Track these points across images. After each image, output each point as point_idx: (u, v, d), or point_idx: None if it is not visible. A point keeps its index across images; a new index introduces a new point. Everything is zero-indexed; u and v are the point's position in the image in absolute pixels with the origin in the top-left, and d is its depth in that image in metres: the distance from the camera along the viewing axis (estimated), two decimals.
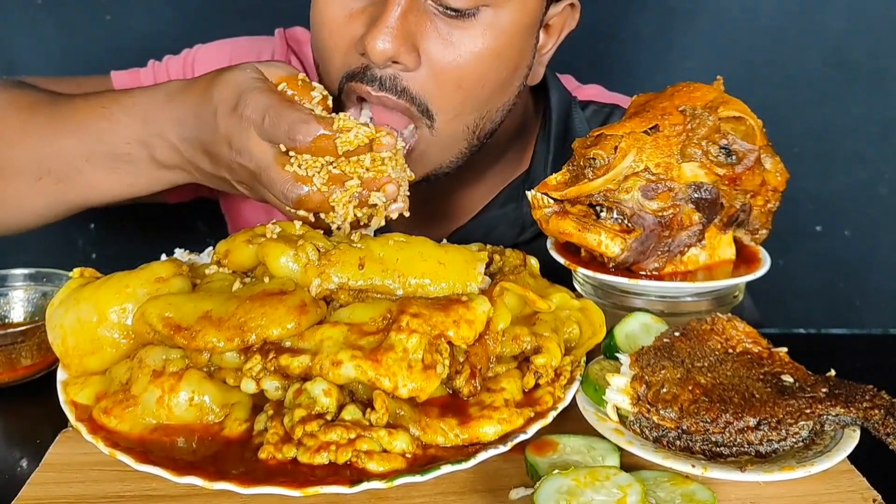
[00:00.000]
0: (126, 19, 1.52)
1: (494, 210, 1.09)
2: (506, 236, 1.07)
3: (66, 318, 0.70)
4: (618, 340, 0.75)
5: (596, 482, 0.59)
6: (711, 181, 0.80)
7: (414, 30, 0.87)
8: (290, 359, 0.64)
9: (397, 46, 0.85)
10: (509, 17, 0.90)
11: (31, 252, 1.59)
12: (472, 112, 0.93)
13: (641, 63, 1.62)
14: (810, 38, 1.60)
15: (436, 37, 0.88)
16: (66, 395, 0.70)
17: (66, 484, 0.65)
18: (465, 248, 0.78)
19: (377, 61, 0.86)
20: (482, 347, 0.68)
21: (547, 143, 1.09)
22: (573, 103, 1.13)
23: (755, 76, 1.60)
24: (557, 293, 0.77)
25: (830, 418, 0.64)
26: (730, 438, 0.64)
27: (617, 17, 1.60)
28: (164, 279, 0.70)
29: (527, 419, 0.66)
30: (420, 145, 0.93)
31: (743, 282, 0.83)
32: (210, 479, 0.59)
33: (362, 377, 0.63)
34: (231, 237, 0.77)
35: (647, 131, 0.79)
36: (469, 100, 0.92)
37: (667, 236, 0.80)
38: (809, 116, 1.63)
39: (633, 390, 0.67)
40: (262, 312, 0.65)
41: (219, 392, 0.66)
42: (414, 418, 0.64)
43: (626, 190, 0.78)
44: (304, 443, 0.61)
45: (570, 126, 1.10)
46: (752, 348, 0.73)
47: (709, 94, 0.83)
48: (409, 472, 0.60)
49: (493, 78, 0.92)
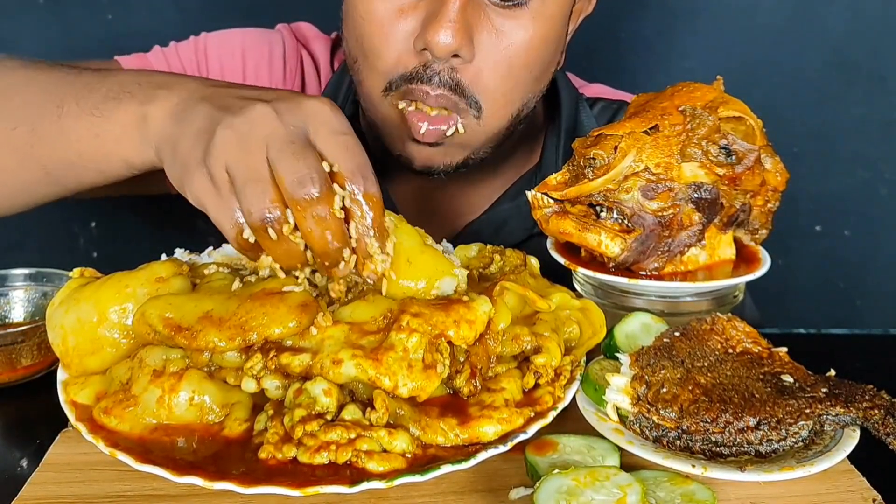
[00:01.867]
0: (127, 19, 1.52)
1: (506, 203, 1.10)
2: (517, 230, 1.07)
3: (66, 318, 0.70)
4: (618, 340, 0.75)
5: (596, 482, 0.59)
6: (711, 181, 0.80)
7: (470, 21, 0.88)
8: (290, 357, 0.64)
9: (459, 40, 0.86)
10: (554, 4, 0.93)
11: (31, 252, 1.60)
12: (518, 100, 0.96)
13: (641, 63, 1.63)
14: (810, 38, 1.60)
15: (489, 27, 0.90)
16: (66, 395, 0.69)
17: (66, 484, 0.65)
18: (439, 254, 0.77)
19: (440, 55, 0.87)
20: (482, 347, 0.68)
21: (557, 138, 1.11)
22: (580, 99, 1.14)
23: (755, 76, 1.60)
24: (557, 293, 0.77)
25: (830, 418, 0.64)
26: (730, 438, 0.64)
27: (617, 17, 1.60)
28: (165, 279, 0.70)
29: (527, 419, 0.66)
30: (464, 136, 0.94)
31: (743, 282, 0.83)
32: (210, 479, 0.59)
33: (363, 376, 0.63)
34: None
35: (647, 131, 0.79)
36: (517, 88, 0.94)
37: (667, 236, 0.80)
38: (809, 116, 1.64)
39: (633, 390, 0.67)
40: (262, 312, 0.65)
41: (219, 392, 0.66)
42: (414, 418, 0.64)
43: (626, 190, 0.78)
44: (304, 443, 0.61)
45: (578, 121, 1.12)
46: (752, 348, 0.73)
47: (709, 94, 0.83)
48: (409, 472, 0.60)
49: (538, 65, 0.95)
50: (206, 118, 0.70)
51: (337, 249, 0.67)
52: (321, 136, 0.68)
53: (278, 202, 0.65)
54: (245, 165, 0.66)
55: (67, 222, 1.59)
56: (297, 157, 0.65)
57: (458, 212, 1.12)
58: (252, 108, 0.68)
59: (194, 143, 0.70)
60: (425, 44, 0.87)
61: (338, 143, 0.68)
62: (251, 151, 0.67)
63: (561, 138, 1.10)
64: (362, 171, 0.67)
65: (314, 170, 0.65)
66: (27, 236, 1.60)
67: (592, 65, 1.27)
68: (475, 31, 0.89)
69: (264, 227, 0.65)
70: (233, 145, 0.67)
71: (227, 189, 0.67)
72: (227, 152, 0.67)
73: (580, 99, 1.15)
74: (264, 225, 0.65)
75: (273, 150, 0.66)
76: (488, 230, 1.09)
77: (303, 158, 0.65)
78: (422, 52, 0.89)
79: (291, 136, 0.67)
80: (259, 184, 0.65)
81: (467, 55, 0.89)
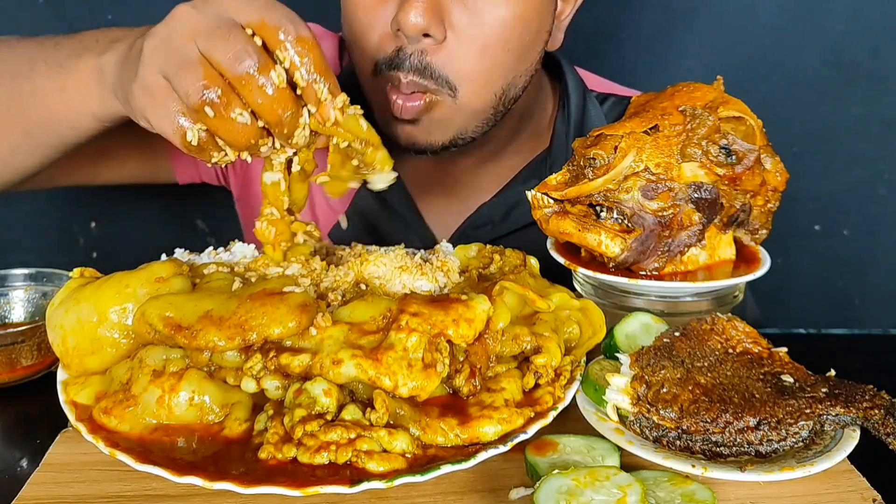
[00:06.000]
0: (127, 19, 1.52)
1: (517, 186, 1.11)
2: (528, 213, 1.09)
3: (66, 318, 0.70)
4: (618, 340, 0.75)
5: (596, 482, 0.59)
6: (711, 181, 0.80)
7: (441, 2, 0.90)
8: (290, 357, 0.64)
9: (428, 19, 0.88)
10: None
11: (31, 252, 1.60)
12: (500, 79, 0.97)
13: (641, 63, 1.63)
14: (810, 38, 1.60)
15: (461, 7, 0.92)
16: (66, 395, 0.70)
17: (66, 484, 0.65)
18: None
19: (410, 34, 0.89)
20: (482, 346, 0.68)
21: (566, 124, 1.12)
22: (587, 91, 1.16)
23: (755, 76, 1.60)
24: (557, 293, 0.77)
25: (830, 418, 0.64)
26: (730, 438, 0.64)
27: (617, 16, 1.60)
28: (165, 279, 0.70)
29: (527, 419, 0.66)
30: (440, 112, 0.96)
31: (743, 282, 0.83)
32: (210, 479, 0.59)
33: (363, 376, 0.63)
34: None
35: (647, 131, 0.79)
36: (496, 67, 0.95)
37: (667, 236, 0.80)
38: (809, 116, 1.64)
39: (633, 390, 0.67)
40: (262, 311, 0.65)
41: (219, 392, 0.66)
42: (414, 418, 0.64)
43: (626, 190, 0.78)
44: (304, 443, 0.61)
45: (586, 109, 1.14)
46: (752, 348, 0.73)
47: (709, 94, 0.83)
48: (409, 472, 0.60)
49: (516, 44, 0.96)
50: (140, 44, 0.74)
51: (291, 116, 0.69)
52: (242, 11, 0.70)
53: (214, 81, 0.67)
54: (175, 59, 0.69)
55: (67, 222, 1.59)
56: (226, 38, 0.68)
57: (470, 194, 1.14)
58: (172, 13, 0.71)
59: (130, 66, 0.74)
60: (398, 24, 0.90)
61: (256, 6, 0.70)
62: (178, 47, 0.69)
63: (571, 125, 1.12)
64: (289, 18, 0.70)
65: (247, 43, 0.68)
66: (27, 236, 1.60)
67: (593, 64, 1.27)
68: (447, 12, 0.91)
69: (203, 107, 0.67)
70: (160, 50, 0.70)
71: (163, 92, 0.70)
72: (157, 57, 0.70)
73: (587, 91, 1.16)
74: (202, 103, 0.67)
75: (202, 39, 0.69)
76: (499, 212, 1.11)
77: (232, 37, 0.68)
78: (398, 35, 0.92)
79: (216, 22, 0.69)
80: (190, 65, 0.68)
81: (438, 34, 0.90)
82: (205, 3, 0.71)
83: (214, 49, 0.68)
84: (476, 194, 1.14)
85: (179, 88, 0.68)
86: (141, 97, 0.71)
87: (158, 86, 0.70)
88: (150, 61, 0.71)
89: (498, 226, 1.10)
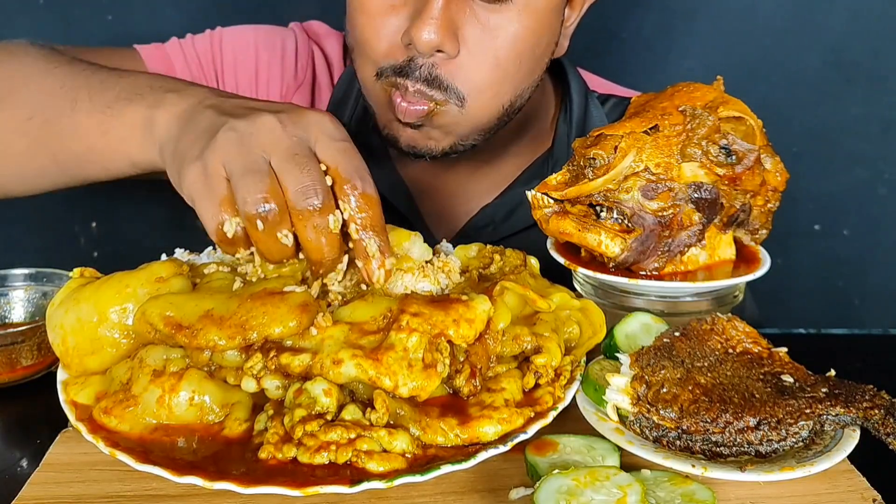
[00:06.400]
0: (127, 19, 1.52)
1: (519, 188, 1.11)
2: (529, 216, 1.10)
3: (66, 318, 0.70)
4: (618, 340, 0.75)
5: (596, 482, 0.59)
6: (711, 181, 0.80)
7: (455, 18, 0.90)
8: (290, 357, 0.64)
9: (442, 36, 0.88)
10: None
11: (31, 252, 1.60)
12: (510, 92, 0.97)
13: (641, 63, 1.63)
14: (810, 37, 1.60)
15: (475, 23, 0.92)
16: (66, 395, 0.69)
17: (66, 484, 0.65)
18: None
19: (423, 51, 0.89)
20: (482, 347, 0.68)
21: (569, 125, 1.12)
22: (589, 93, 1.16)
23: (755, 76, 1.60)
24: (557, 293, 0.77)
25: (830, 418, 0.64)
26: (730, 438, 0.64)
27: (617, 16, 1.60)
28: (165, 279, 0.70)
29: (527, 419, 0.66)
30: (444, 119, 0.96)
31: (743, 282, 0.83)
32: (210, 479, 0.59)
33: (363, 376, 0.63)
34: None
35: (647, 131, 0.79)
36: (507, 80, 0.96)
37: (667, 236, 0.80)
38: (809, 116, 1.64)
39: (633, 390, 0.67)
40: (263, 311, 0.65)
41: (219, 392, 0.66)
42: (414, 418, 0.64)
43: (626, 190, 0.78)
44: (304, 443, 0.61)
45: (588, 110, 1.14)
46: (752, 348, 0.73)
47: (709, 94, 0.83)
48: (409, 472, 0.60)
49: (528, 58, 0.96)
50: (210, 121, 0.74)
51: (333, 261, 0.71)
52: (322, 143, 0.71)
53: (275, 199, 0.68)
54: (244, 160, 0.69)
55: (67, 222, 1.59)
56: (302, 169, 0.68)
57: (472, 195, 1.14)
58: (257, 115, 0.72)
59: (195, 141, 0.73)
60: (410, 39, 0.89)
61: (337, 149, 0.71)
62: (252, 151, 0.69)
63: (573, 126, 1.12)
64: (360, 173, 0.71)
65: (317, 181, 0.69)
66: (27, 236, 1.60)
67: (593, 65, 1.27)
68: (461, 27, 0.91)
69: (256, 218, 0.68)
70: (233, 144, 0.70)
71: (218, 181, 0.70)
72: (227, 150, 0.70)
73: (589, 92, 1.16)
74: (257, 215, 0.68)
75: (276, 158, 0.69)
76: (501, 213, 1.11)
77: (307, 170, 0.69)
78: (409, 47, 0.92)
79: (295, 147, 0.70)
80: (258, 174, 0.68)
81: (451, 51, 0.91)
82: (294, 123, 0.71)
83: (287, 172, 0.68)
84: (478, 196, 1.14)
85: (239, 190, 0.68)
86: (197, 178, 0.71)
87: (219, 176, 0.69)
88: (220, 150, 0.70)
89: (500, 227, 1.11)
